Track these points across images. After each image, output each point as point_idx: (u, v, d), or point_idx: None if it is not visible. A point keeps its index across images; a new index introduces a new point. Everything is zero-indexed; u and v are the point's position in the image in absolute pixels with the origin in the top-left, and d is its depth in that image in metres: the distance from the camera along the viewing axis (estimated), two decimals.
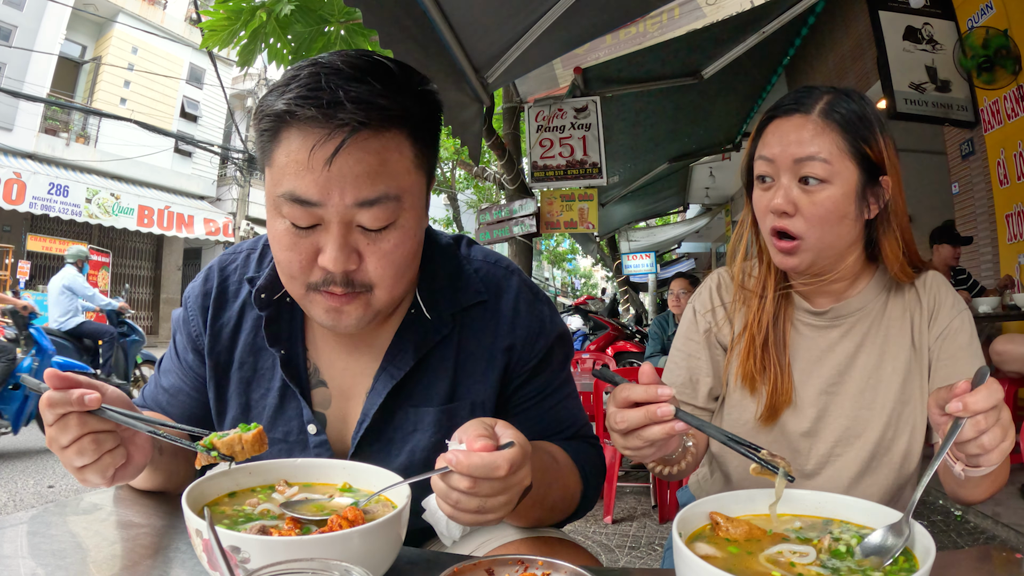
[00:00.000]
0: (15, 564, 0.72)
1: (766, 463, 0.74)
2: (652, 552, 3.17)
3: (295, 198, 0.77)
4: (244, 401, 0.98)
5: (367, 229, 0.80)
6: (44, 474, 4.47)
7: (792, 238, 1.04)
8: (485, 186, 17.98)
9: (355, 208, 0.78)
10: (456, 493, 0.69)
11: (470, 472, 0.67)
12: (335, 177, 0.76)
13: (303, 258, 0.81)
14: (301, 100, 0.75)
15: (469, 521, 0.72)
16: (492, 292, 0.98)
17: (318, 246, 0.80)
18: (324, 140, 0.75)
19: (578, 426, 1.03)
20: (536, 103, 6.28)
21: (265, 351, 0.97)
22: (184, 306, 1.03)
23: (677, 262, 21.06)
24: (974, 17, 4.90)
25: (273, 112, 0.78)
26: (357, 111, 0.75)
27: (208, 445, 0.76)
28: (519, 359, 0.97)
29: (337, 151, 0.75)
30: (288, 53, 3.59)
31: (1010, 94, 4.62)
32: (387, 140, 0.78)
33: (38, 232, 13.62)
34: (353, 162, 0.76)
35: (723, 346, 1.19)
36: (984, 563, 0.79)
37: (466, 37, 2.84)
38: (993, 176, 4.86)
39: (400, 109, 0.79)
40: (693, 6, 4.82)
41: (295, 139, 0.77)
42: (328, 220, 0.79)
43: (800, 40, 7.38)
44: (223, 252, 1.07)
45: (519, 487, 0.72)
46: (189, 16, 16.47)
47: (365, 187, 0.77)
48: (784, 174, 1.03)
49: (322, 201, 0.77)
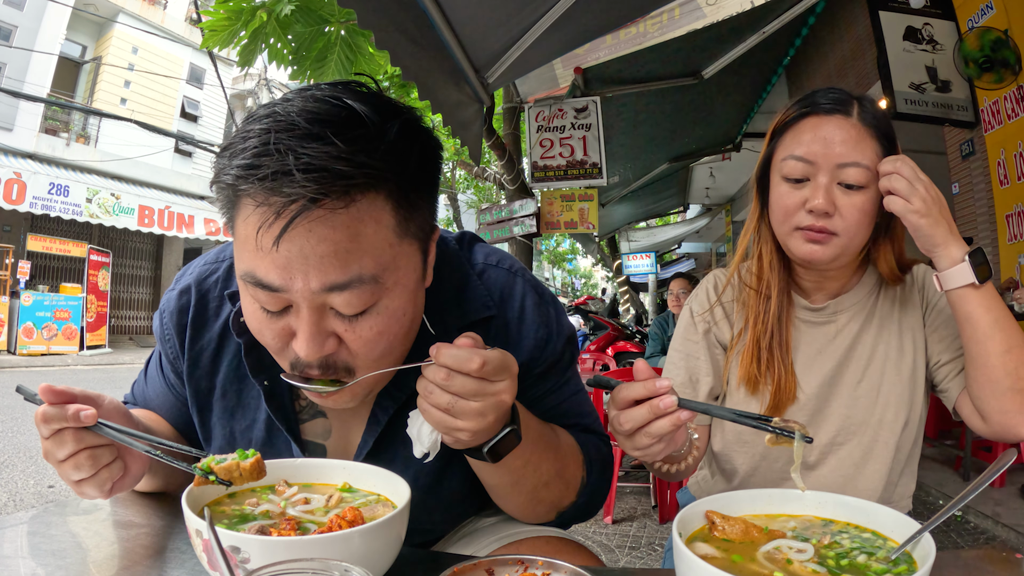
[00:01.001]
0: (15, 564, 0.72)
1: (781, 430, 0.73)
2: (652, 552, 3.17)
3: (256, 281, 0.68)
4: (228, 432, 0.91)
5: (341, 314, 0.70)
6: (44, 474, 4.47)
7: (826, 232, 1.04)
8: (485, 186, 17.98)
9: (324, 293, 0.67)
10: (430, 385, 0.69)
11: (445, 362, 0.67)
12: (295, 260, 0.65)
13: (276, 341, 0.73)
14: (245, 171, 0.64)
15: (438, 420, 0.70)
16: (499, 300, 0.91)
17: (291, 329, 0.71)
18: (272, 219, 0.64)
19: (587, 421, 0.99)
20: (536, 103, 6.28)
21: (249, 379, 0.88)
22: (160, 320, 0.94)
23: (677, 262, 21.05)
24: (974, 17, 4.89)
25: (222, 184, 0.68)
26: (308, 183, 0.62)
27: (206, 469, 0.73)
28: (528, 368, 0.91)
29: (284, 231, 0.63)
30: (288, 53, 3.59)
31: (1010, 94, 4.62)
32: (357, 211, 0.66)
33: (38, 232, 13.61)
34: (315, 241, 0.64)
35: (722, 345, 1.21)
36: (984, 563, 0.79)
37: (466, 37, 2.84)
38: (993, 176, 4.86)
39: (371, 170, 0.65)
40: (693, 6, 4.82)
41: (247, 211, 0.66)
42: (297, 303, 0.69)
43: (800, 40, 7.37)
44: (203, 259, 0.96)
45: (496, 399, 0.69)
46: (189, 16, 16.47)
47: (332, 270, 0.66)
48: (823, 175, 1.03)
49: (284, 287, 0.67)
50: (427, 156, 0.74)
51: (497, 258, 0.97)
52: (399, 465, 0.85)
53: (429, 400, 0.70)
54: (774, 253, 1.15)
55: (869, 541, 0.68)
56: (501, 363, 0.69)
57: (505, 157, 6.59)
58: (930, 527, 0.63)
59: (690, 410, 0.75)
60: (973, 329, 0.97)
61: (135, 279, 16.73)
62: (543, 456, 0.84)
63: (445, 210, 20.36)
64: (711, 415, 0.77)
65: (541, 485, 0.86)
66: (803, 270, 1.15)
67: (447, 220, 20.53)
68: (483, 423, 0.70)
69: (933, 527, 0.63)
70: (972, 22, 4.90)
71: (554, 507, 0.91)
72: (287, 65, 3.66)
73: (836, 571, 0.62)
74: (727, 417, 0.76)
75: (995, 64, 4.63)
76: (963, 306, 0.98)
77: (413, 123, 0.72)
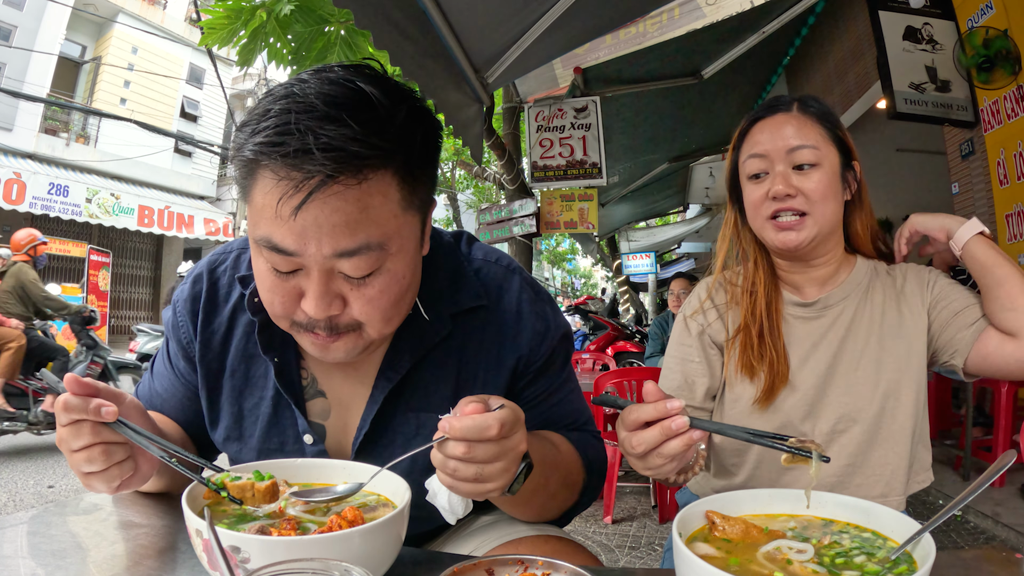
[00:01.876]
0: (15, 564, 0.72)
1: (797, 450, 0.73)
2: (652, 552, 3.17)
3: (271, 246, 0.74)
4: (237, 410, 0.96)
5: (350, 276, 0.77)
6: (44, 474, 4.47)
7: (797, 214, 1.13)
8: (485, 186, 17.98)
9: (334, 258, 0.74)
10: (453, 461, 0.69)
11: (463, 435, 0.67)
12: (310, 228, 0.71)
13: (285, 300, 0.78)
14: (268, 148, 0.70)
15: (468, 491, 0.71)
16: (493, 294, 0.96)
17: (300, 290, 0.77)
18: (292, 192, 0.70)
19: (582, 420, 1.03)
20: (536, 103, 6.28)
21: (257, 358, 0.94)
22: (173, 310, 1.00)
23: (677, 262, 21.05)
24: (974, 17, 4.89)
25: (243, 157, 0.74)
26: (327, 161, 0.69)
27: (219, 485, 0.74)
28: (526, 362, 0.96)
29: (303, 204, 0.70)
30: (288, 53, 3.59)
31: (1010, 94, 4.62)
32: (368, 186, 0.72)
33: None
34: (329, 212, 0.71)
35: (717, 345, 1.24)
36: (984, 563, 0.78)
37: (466, 37, 2.84)
38: (993, 176, 4.86)
39: (381, 151, 0.72)
40: (693, 6, 4.82)
41: (267, 183, 0.72)
42: (308, 267, 0.75)
43: (800, 40, 7.38)
44: (212, 252, 1.04)
45: (515, 452, 0.72)
46: (189, 16, 16.47)
47: (343, 238, 0.72)
48: (778, 164, 1.14)
49: (298, 251, 0.73)
50: (430, 136, 0.80)
51: (495, 256, 1.01)
52: (398, 448, 0.91)
53: (455, 476, 0.70)
54: (758, 252, 1.23)
55: (869, 541, 0.68)
56: (514, 418, 0.71)
57: (505, 157, 6.59)
58: (930, 527, 0.63)
59: (702, 430, 0.75)
60: (996, 268, 1.08)
61: (135, 279, 16.73)
62: (550, 474, 0.87)
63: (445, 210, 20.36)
64: (724, 435, 0.78)
65: (549, 498, 0.90)
66: (788, 264, 1.21)
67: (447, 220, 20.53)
68: (509, 476, 0.73)
69: (933, 527, 0.63)
70: (972, 22, 4.90)
71: (559, 510, 0.96)
72: (287, 65, 3.66)
73: (836, 571, 0.62)
74: (742, 438, 0.76)
75: (995, 64, 4.63)
76: (979, 253, 1.09)
77: (418, 106, 0.79)
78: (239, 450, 0.96)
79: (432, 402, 0.93)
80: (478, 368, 0.94)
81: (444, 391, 0.93)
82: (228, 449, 0.98)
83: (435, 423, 0.92)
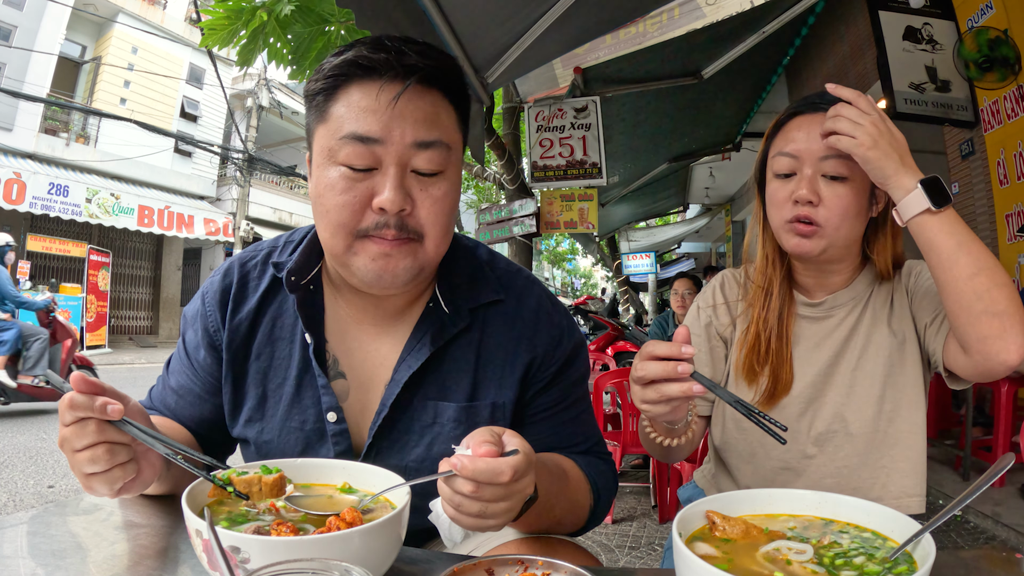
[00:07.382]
0: (15, 564, 0.72)
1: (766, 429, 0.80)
2: (652, 552, 3.17)
3: (357, 136, 0.83)
4: (261, 391, 0.99)
5: (420, 174, 0.86)
6: (44, 474, 4.47)
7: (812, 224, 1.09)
8: (485, 186, 17.97)
9: (413, 149, 0.84)
10: (459, 497, 0.70)
11: (474, 476, 0.68)
12: (398, 116, 0.83)
13: (357, 201, 0.85)
14: (370, 51, 0.84)
15: (471, 525, 0.72)
16: (512, 295, 1.00)
17: (373, 190, 0.85)
18: (390, 80, 0.83)
19: (592, 441, 1.04)
20: (536, 103, 6.27)
21: (281, 341, 0.99)
22: (202, 301, 1.04)
23: (677, 262, 21.08)
24: (974, 17, 4.89)
25: (337, 65, 0.85)
26: (420, 64, 0.84)
27: (225, 480, 0.74)
28: (540, 364, 0.98)
29: (405, 89, 0.83)
30: (288, 53, 3.59)
31: (1010, 94, 4.62)
32: (441, 97, 0.88)
33: (38, 232, 13.61)
34: (413, 107, 0.84)
35: (723, 338, 1.25)
36: (984, 563, 0.79)
37: (466, 37, 2.84)
38: (993, 176, 4.86)
39: (452, 80, 0.89)
40: (693, 6, 4.81)
41: (358, 89, 0.85)
42: (386, 162, 0.84)
43: (800, 40, 7.37)
44: (242, 251, 1.09)
45: (521, 495, 0.73)
46: (189, 16, 16.46)
47: (423, 129, 0.85)
48: (808, 167, 1.09)
49: (383, 138, 0.83)
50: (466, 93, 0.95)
51: (516, 267, 1.08)
52: (414, 434, 0.96)
53: (460, 510, 0.71)
54: (775, 250, 1.21)
55: (869, 541, 0.68)
56: (526, 464, 0.71)
57: (505, 157, 6.59)
58: (930, 527, 0.63)
59: (700, 384, 0.81)
60: (938, 256, 0.95)
61: (135, 279, 16.72)
62: (555, 503, 0.88)
63: None
64: (716, 394, 0.83)
65: (553, 523, 0.91)
66: (802, 267, 1.19)
67: None
68: (512, 516, 0.74)
69: (933, 527, 0.63)
70: (972, 22, 4.90)
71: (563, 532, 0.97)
72: (287, 65, 3.66)
73: (835, 571, 0.62)
74: (727, 399, 0.82)
75: (995, 64, 4.63)
76: (924, 233, 0.96)
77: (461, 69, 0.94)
78: (260, 430, 0.99)
79: (450, 392, 0.96)
80: (496, 366, 0.97)
81: (463, 384, 0.96)
82: (249, 431, 1.00)
83: (451, 413, 0.96)
